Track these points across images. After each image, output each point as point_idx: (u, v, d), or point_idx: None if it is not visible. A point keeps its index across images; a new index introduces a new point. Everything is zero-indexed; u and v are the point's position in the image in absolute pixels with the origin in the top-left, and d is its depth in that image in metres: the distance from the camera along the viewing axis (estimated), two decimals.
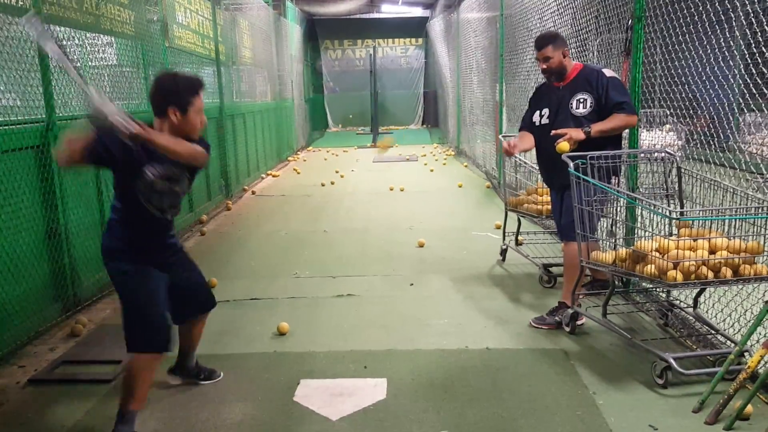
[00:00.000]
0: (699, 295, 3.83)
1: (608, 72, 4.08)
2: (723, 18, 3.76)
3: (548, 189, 4.65)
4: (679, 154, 4.32)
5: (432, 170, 12.03)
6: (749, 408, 2.93)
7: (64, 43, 4.81)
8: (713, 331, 3.72)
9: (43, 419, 3.21)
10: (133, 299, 2.93)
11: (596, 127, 3.95)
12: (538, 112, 4.28)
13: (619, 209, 4.29)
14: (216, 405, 3.29)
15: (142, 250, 2.95)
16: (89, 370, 3.73)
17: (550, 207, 5.03)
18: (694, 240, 3.41)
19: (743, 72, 3.93)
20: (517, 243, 5.75)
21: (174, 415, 3.20)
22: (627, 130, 4.33)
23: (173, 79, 2.96)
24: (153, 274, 2.96)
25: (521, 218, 5.78)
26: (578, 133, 3.93)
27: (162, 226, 3.02)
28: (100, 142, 2.66)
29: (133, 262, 2.92)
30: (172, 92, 2.88)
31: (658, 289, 4.27)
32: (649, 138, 5.59)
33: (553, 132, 3.99)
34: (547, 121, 4.19)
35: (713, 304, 3.88)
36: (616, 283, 3.91)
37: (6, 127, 4.05)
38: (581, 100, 4.06)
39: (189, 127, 2.91)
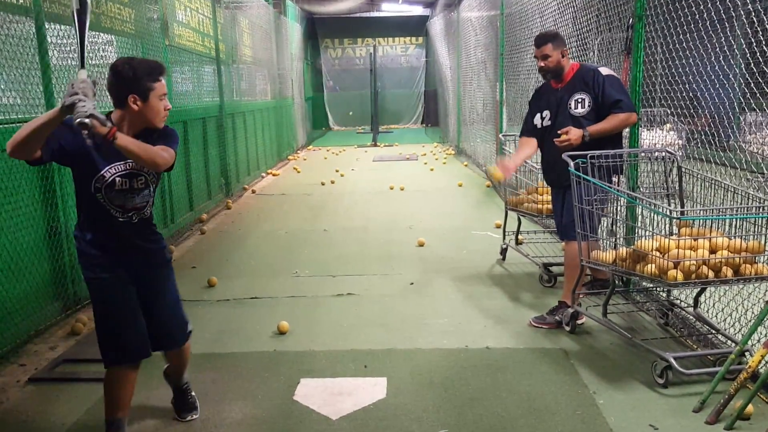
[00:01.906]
0: (699, 294, 3.83)
1: (605, 70, 4.08)
2: (724, 17, 3.75)
3: (548, 188, 4.65)
4: (680, 154, 4.32)
5: (432, 169, 12.02)
6: (750, 408, 2.93)
7: (66, 41, 4.80)
8: (714, 331, 3.71)
9: (43, 418, 3.21)
10: (101, 310, 2.77)
11: (594, 129, 3.95)
12: (539, 115, 4.28)
13: (619, 208, 4.29)
14: (216, 404, 3.28)
15: (106, 255, 2.73)
16: (90, 369, 3.73)
17: (550, 206, 5.03)
18: (695, 239, 3.40)
19: (744, 71, 3.93)
20: (517, 242, 5.74)
21: (173, 413, 3.19)
22: (627, 129, 4.32)
23: (130, 65, 2.66)
24: (121, 281, 2.76)
25: (521, 217, 5.77)
26: (577, 137, 3.92)
27: (130, 228, 2.76)
28: (57, 139, 2.51)
29: (100, 269, 2.72)
30: (131, 79, 2.63)
31: (658, 289, 4.27)
32: (649, 137, 5.58)
33: (558, 134, 3.99)
34: (549, 123, 4.20)
35: (714, 304, 3.87)
36: (617, 282, 3.91)
37: (6, 126, 4.05)
38: (579, 101, 4.06)
39: (152, 114, 2.69)
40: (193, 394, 3.24)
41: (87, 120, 2.30)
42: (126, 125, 2.68)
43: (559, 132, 3.99)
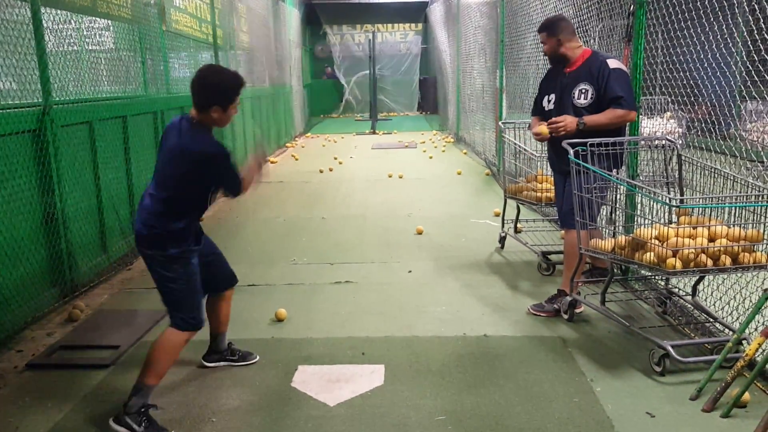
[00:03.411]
0: (698, 283, 3.83)
1: (613, 63, 3.97)
2: (725, 4, 3.73)
3: (548, 176, 4.63)
4: (680, 142, 4.30)
5: (431, 157, 11.99)
6: (746, 396, 2.94)
7: (60, 27, 4.77)
8: (711, 319, 3.72)
9: (41, 404, 3.20)
10: (188, 281, 3.03)
11: (591, 120, 3.93)
12: (546, 97, 4.26)
13: (618, 197, 4.28)
14: (213, 390, 3.29)
15: (193, 235, 3.10)
16: (87, 355, 3.74)
17: (549, 194, 5.02)
18: (694, 228, 3.40)
19: (745, 59, 3.91)
20: (516, 230, 5.74)
21: (171, 400, 3.20)
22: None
23: (219, 78, 2.97)
24: (197, 259, 3.10)
25: (520, 205, 5.76)
26: (572, 125, 3.91)
27: (202, 212, 3.22)
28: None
29: (188, 248, 3.04)
30: (219, 92, 2.92)
31: (656, 277, 4.27)
32: (649, 125, 5.56)
33: (549, 121, 4.00)
34: (552, 107, 4.18)
35: (712, 292, 3.88)
36: (615, 270, 3.91)
37: (2, 111, 4.02)
38: (583, 91, 4.03)
39: (225, 121, 3.01)
40: (239, 348, 3.61)
41: None
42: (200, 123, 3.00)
43: (553, 120, 3.98)
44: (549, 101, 4.23)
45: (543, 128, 4.09)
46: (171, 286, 3.01)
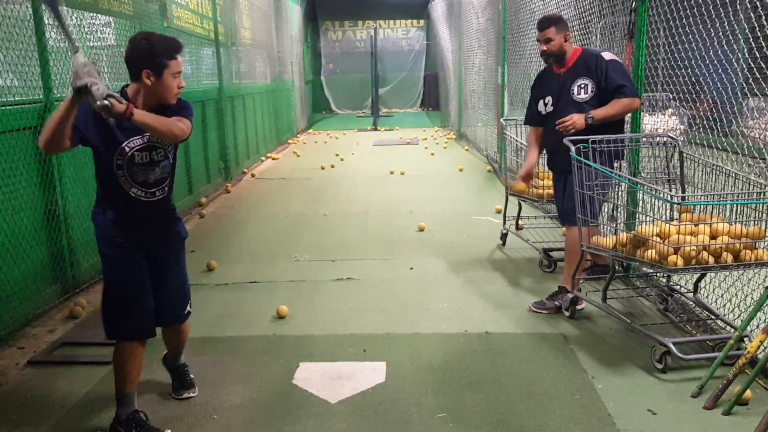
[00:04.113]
0: (699, 280, 3.82)
1: (607, 55, 4.04)
2: (727, 1, 3.71)
3: (549, 173, 4.63)
4: (682, 139, 4.29)
5: (433, 154, 11.98)
6: (748, 393, 2.93)
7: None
8: (713, 317, 3.71)
9: (42, 400, 3.21)
10: (114, 285, 2.83)
11: (598, 114, 3.93)
12: (542, 101, 4.25)
13: (620, 193, 4.27)
14: (215, 387, 3.29)
15: (125, 232, 2.81)
16: (88, 352, 3.74)
17: (550, 191, 5.01)
18: (696, 225, 3.40)
19: (747, 56, 3.89)
20: (518, 227, 5.73)
21: (172, 397, 3.20)
22: (629, 114, 4.29)
23: (148, 41, 2.71)
24: (137, 260, 2.83)
25: (522, 203, 5.75)
26: (580, 120, 3.91)
27: (151, 206, 2.84)
28: (75, 125, 2.56)
29: (117, 246, 2.79)
30: (147, 54, 2.68)
31: (658, 274, 4.26)
32: (651, 122, 5.55)
33: (558, 122, 3.98)
34: (551, 108, 4.17)
35: (713, 290, 3.87)
36: (617, 267, 3.90)
37: (3, 108, 4.02)
38: (582, 86, 4.03)
39: (164, 91, 2.72)
40: (191, 376, 3.26)
41: (106, 101, 2.35)
42: (141, 99, 2.73)
43: (561, 120, 3.97)
44: (546, 104, 4.22)
45: (521, 185, 4.50)
46: (106, 287, 2.90)
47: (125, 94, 2.73)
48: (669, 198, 3.43)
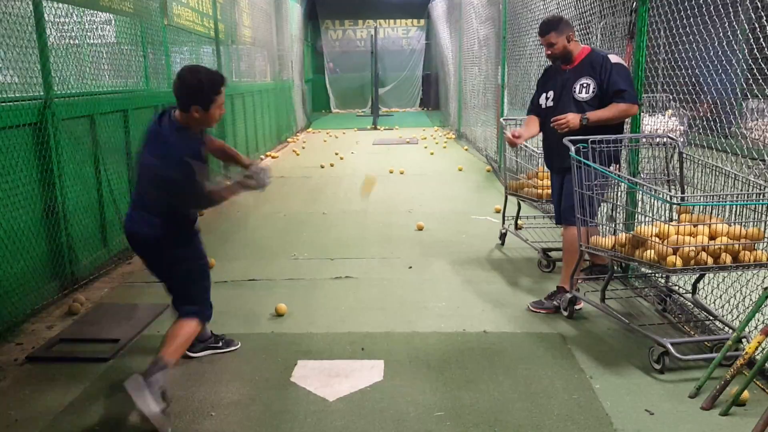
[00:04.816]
0: (698, 280, 3.83)
1: (614, 58, 4.03)
2: (728, 2, 3.71)
3: (549, 173, 4.63)
4: (681, 140, 4.29)
5: (432, 153, 11.98)
6: (746, 394, 2.94)
7: (61, 20, 4.76)
8: (711, 317, 3.72)
9: (40, 396, 3.21)
10: (204, 273, 3.36)
11: (594, 116, 3.93)
12: (544, 95, 4.26)
13: (619, 194, 4.27)
14: (213, 384, 3.29)
15: (194, 236, 3.44)
16: (87, 349, 3.74)
17: (550, 191, 5.02)
18: (695, 226, 3.40)
19: (747, 57, 3.89)
20: (517, 227, 5.73)
21: (171, 394, 3.19)
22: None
23: (197, 78, 3.01)
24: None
25: (521, 202, 5.76)
26: (575, 120, 3.91)
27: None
28: None
29: (194, 247, 3.38)
30: (196, 91, 2.98)
31: (657, 275, 4.26)
32: (651, 123, 5.55)
33: (553, 119, 4.00)
34: (551, 104, 4.18)
35: (712, 290, 3.87)
36: (615, 268, 3.91)
37: (3, 104, 4.02)
38: (584, 85, 4.03)
39: (210, 121, 3.09)
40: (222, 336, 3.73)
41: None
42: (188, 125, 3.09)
43: (556, 117, 3.98)
44: (547, 99, 4.23)
45: (511, 138, 4.22)
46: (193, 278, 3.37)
47: (174, 118, 3.06)
48: (668, 198, 3.43)
